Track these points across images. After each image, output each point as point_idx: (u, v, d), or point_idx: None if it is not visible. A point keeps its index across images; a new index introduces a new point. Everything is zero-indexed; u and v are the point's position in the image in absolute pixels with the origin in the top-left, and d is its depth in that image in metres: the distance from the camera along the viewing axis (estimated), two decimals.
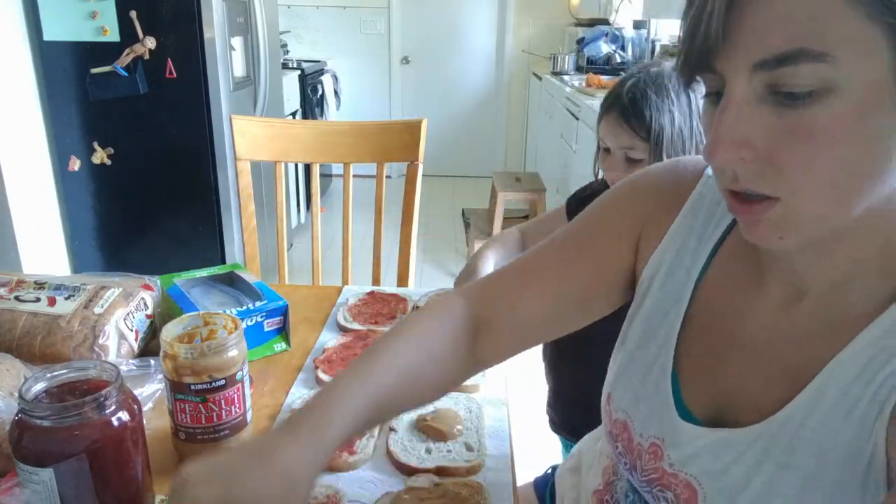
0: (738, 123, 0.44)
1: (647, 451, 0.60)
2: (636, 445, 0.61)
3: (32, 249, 2.50)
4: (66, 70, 2.46)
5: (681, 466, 0.56)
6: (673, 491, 0.57)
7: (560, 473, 0.96)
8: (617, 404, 0.65)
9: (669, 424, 0.58)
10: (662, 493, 0.59)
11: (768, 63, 0.42)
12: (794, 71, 0.41)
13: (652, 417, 0.60)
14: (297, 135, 1.49)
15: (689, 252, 0.62)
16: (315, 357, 0.97)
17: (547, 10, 5.19)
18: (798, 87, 0.41)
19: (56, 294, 0.91)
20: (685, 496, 0.56)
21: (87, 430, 0.57)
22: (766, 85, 0.43)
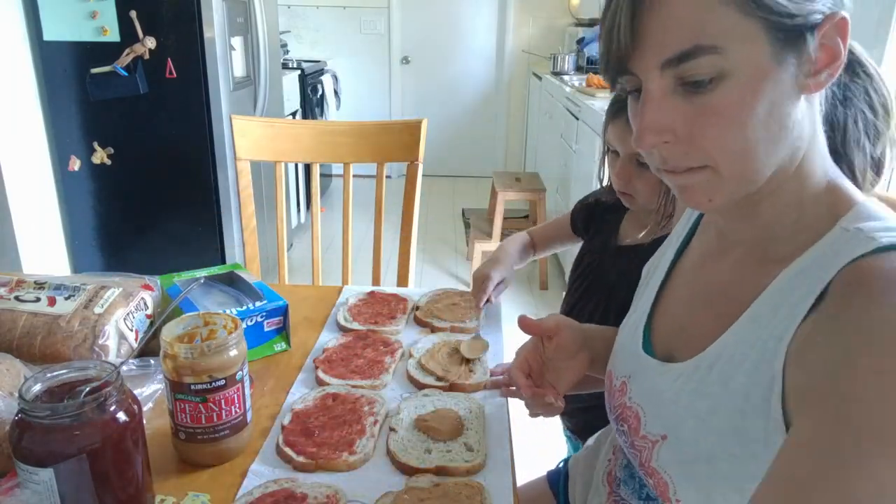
0: (657, 113, 0.53)
1: (618, 390, 0.71)
2: (613, 388, 0.73)
3: (32, 249, 2.50)
4: (66, 70, 2.46)
5: (636, 398, 0.68)
6: (627, 422, 0.68)
7: (573, 463, 0.98)
8: (612, 357, 0.76)
9: (636, 361, 0.70)
10: (621, 425, 0.70)
11: (672, 60, 0.51)
12: (694, 64, 0.50)
13: (626, 359, 0.72)
14: (297, 135, 1.49)
15: (675, 235, 0.76)
16: (315, 357, 0.97)
17: (547, 10, 5.19)
18: (699, 76, 0.51)
19: (56, 294, 0.91)
20: (633, 425, 0.67)
21: (87, 430, 0.57)
22: (674, 78, 0.52)
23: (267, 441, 0.78)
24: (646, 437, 0.65)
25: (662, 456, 0.62)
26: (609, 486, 0.79)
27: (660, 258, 0.78)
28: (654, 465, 0.63)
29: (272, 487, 0.69)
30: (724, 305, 0.61)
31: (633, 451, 0.68)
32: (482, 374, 0.93)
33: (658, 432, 0.63)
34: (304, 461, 0.73)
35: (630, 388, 0.69)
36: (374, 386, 0.90)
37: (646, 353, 0.69)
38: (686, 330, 0.66)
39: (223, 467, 0.74)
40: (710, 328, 0.61)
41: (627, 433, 0.68)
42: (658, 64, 0.52)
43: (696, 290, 0.68)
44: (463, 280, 3.44)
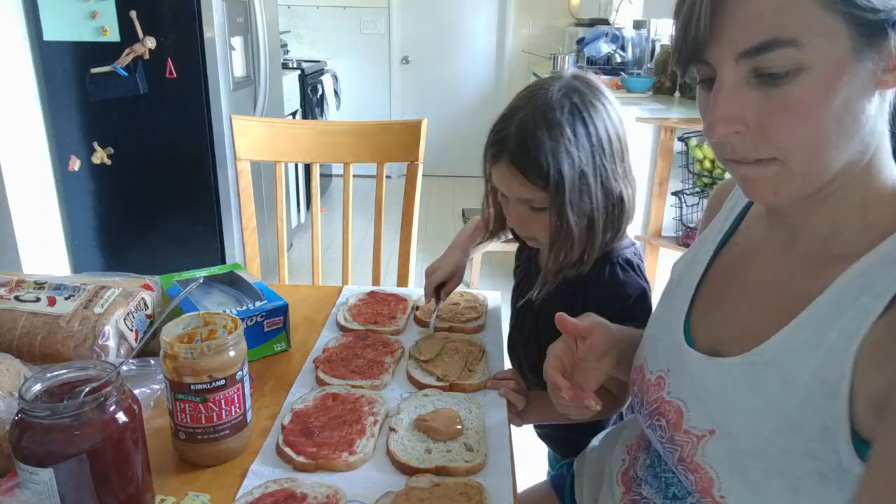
0: (730, 103, 0.54)
1: (653, 385, 0.70)
2: (646, 382, 0.72)
3: (32, 249, 2.50)
4: (66, 70, 2.46)
5: (676, 393, 0.67)
6: (665, 417, 0.67)
7: (579, 463, 0.97)
8: (640, 352, 0.76)
9: (676, 355, 0.68)
10: (658, 421, 0.69)
11: (749, 52, 0.51)
12: (771, 56, 0.51)
13: (662, 352, 0.71)
14: (297, 135, 1.49)
15: (714, 231, 0.75)
16: (315, 357, 0.97)
17: (547, 10, 5.19)
18: (776, 68, 0.51)
19: (56, 294, 0.91)
20: (674, 420, 0.66)
21: (87, 430, 0.57)
22: (750, 69, 0.52)
23: (267, 441, 0.78)
24: (689, 432, 0.64)
25: (709, 451, 0.61)
26: (625, 486, 0.78)
27: (693, 254, 0.76)
28: (697, 461, 0.62)
29: (272, 487, 0.69)
30: (782, 301, 0.59)
31: (671, 446, 0.67)
32: (482, 374, 0.93)
33: (704, 427, 0.62)
34: (304, 461, 0.73)
35: (669, 382, 0.68)
36: (374, 386, 0.90)
37: (688, 346, 0.67)
38: (734, 324, 0.65)
39: (223, 467, 0.74)
40: (764, 323, 0.60)
41: (666, 428, 0.67)
42: (735, 55, 0.52)
43: (747, 284, 0.67)
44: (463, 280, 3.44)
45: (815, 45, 0.50)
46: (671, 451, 0.67)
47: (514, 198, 0.94)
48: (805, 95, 0.51)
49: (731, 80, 0.53)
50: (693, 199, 2.86)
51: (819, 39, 0.49)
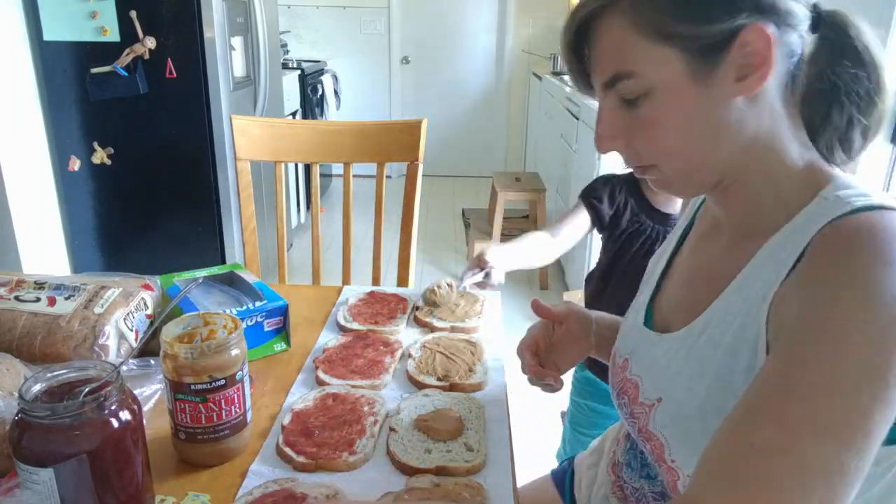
0: (606, 125, 0.64)
1: (620, 367, 0.77)
2: (616, 366, 0.78)
3: (32, 249, 2.50)
4: (66, 70, 2.45)
5: (636, 370, 0.74)
6: (627, 394, 0.74)
7: (579, 461, 1.01)
8: (617, 341, 0.82)
9: (638, 337, 0.76)
10: (622, 399, 0.75)
11: (607, 83, 0.62)
12: (622, 86, 0.60)
13: (629, 337, 0.78)
14: (297, 135, 1.49)
15: (677, 228, 0.83)
16: (315, 357, 0.97)
17: (547, 10, 5.19)
18: (629, 95, 0.60)
19: (56, 294, 0.91)
20: (633, 395, 0.73)
21: (87, 430, 0.57)
22: (616, 95, 0.62)
23: (267, 441, 0.78)
24: (643, 404, 0.70)
25: (658, 418, 0.68)
26: (613, 475, 0.83)
27: (666, 246, 0.83)
28: (650, 429, 0.69)
29: (272, 487, 0.69)
30: (716, 279, 0.66)
31: (632, 419, 0.73)
32: (482, 374, 0.93)
33: (654, 396, 0.69)
34: (304, 461, 0.73)
35: (631, 363, 0.75)
36: (374, 386, 0.90)
37: (645, 327, 0.75)
38: (680, 303, 0.73)
39: (223, 467, 0.74)
40: (701, 300, 0.66)
41: (627, 404, 0.74)
42: (600, 85, 0.63)
43: (692, 269, 0.75)
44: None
45: (652, 73, 0.58)
46: (632, 425, 0.73)
47: None
48: (654, 114, 0.60)
49: (605, 104, 0.63)
50: None
51: (654, 68, 0.58)
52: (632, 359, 0.75)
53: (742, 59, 0.56)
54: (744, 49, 0.56)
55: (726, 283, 0.63)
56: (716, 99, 0.58)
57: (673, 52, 0.57)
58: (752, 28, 0.55)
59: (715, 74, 0.57)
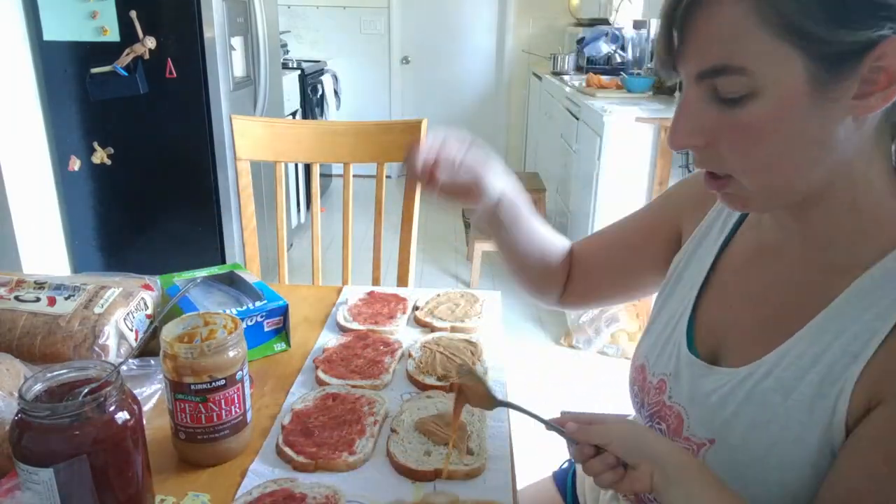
0: (689, 118, 0.56)
1: (654, 388, 0.71)
2: (647, 384, 0.73)
3: (32, 249, 2.50)
4: (66, 70, 2.46)
5: (677, 398, 0.68)
6: (666, 421, 0.68)
7: None
8: (641, 351, 0.77)
9: (678, 360, 0.69)
10: (658, 424, 0.70)
11: (705, 74, 0.53)
12: (725, 80, 0.52)
13: (664, 355, 0.72)
14: (297, 135, 1.49)
15: (714, 232, 0.74)
16: (315, 357, 0.97)
17: (547, 10, 5.19)
18: (729, 93, 0.53)
19: (56, 294, 0.91)
20: (674, 425, 0.67)
21: (87, 430, 0.57)
22: (710, 89, 0.54)
23: (267, 441, 0.78)
24: (689, 440, 0.65)
25: (709, 460, 0.62)
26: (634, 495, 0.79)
27: (693, 251, 0.76)
28: None
29: (271, 487, 0.69)
30: (783, 310, 0.60)
31: None
32: (482, 374, 0.93)
33: (704, 436, 0.63)
34: (304, 461, 0.73)
35: (670, 386, 0.69)
36: (374, 386, 0.90)
37: (689, 353, 0.69)
38: (736, 329, 0.66)
39: (223, 467, 0.74)
40: (764, 333, 0.61)
41: (666, 432, 0.68)
42: (694, 74, 0.55)
43: (747, 288, 0.67)
44: (463, 280, 3.44)
45: (767, 73, 0.51)
46: None
47: None
48: (756, 120, 0.53)
49: (693, 96, 0.56)
50: None
51: (771, 68, 0.51)
52: (672, 383, 0.69)
53: (870, 73, 0.50)
54: (876, 63, 0.49)
55: (798, 321, 0.58)
56: (828, 115, 0.52)
57: (797, 53, 0.50)
58: (893, 41, 0.48)
59: (837, 87, 0.50)
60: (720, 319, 0.69)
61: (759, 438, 0.58)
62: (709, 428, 0.63)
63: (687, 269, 0.76)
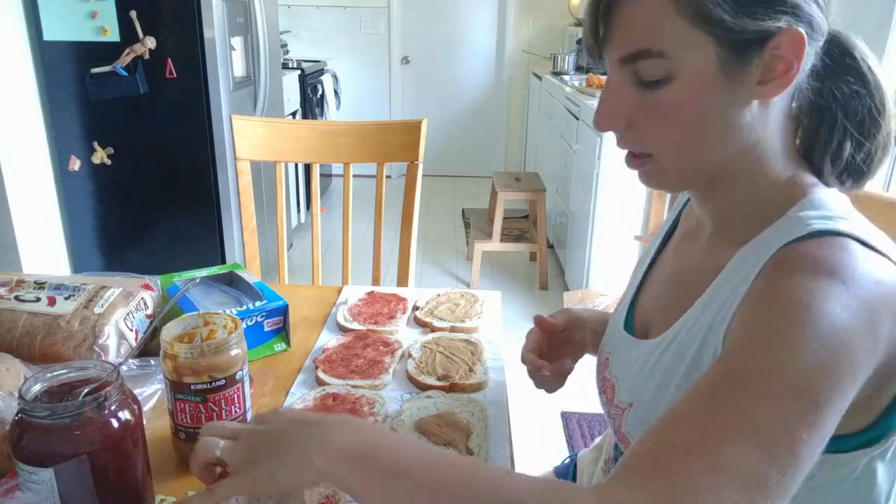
0: (612, 101, 0.61)
1: (602, 365, 0.79)
2: (599, 364, 0.80)
3: (32, 249, 2.50)
4: (66, 70, 2.46)
5: (614, 371, 0.75)
6: (605, 394, 0.76)
7: (582, 455, 1.02)
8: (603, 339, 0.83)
9: (618, 339, 0.77)
10: (602, 397, 0.77)
11: (627, 59, 0.58)
12: (645, 64, 0.57)
13: (610, 336, 0.79)
14: (297, 135, 1.49)
15: (662, 227, 0.82)
16: (315, 357, 0.97)
17: (547, 10, 5.19)
18: (649, 76, 0.57)
19: (56, 294, 0.91)
20: (609, 395, 0.74)
21: (87, 430, 0.57)
22: (631, 73, 0.58)
23: None
24: (617, 406, 0.72)
25: (629, 422, 0.69)
26: (607, 471, 0.85)
27: (652, 242, 0.84)
28: (623, 431, 0.70)
29: None
30: (690, 286, 0.66)
31: (609, 419, 0.75)
32: (482, 374, 0.93)
33: (626, 401, 0.71)
34: None
35: (611, 363, 0.77)
36: (374, 386, 0.90)
37: (625, 331, 0.76)
38: (657, 308, 0.74)
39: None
40: (676, 307, 0.67)
41: (606, 403, 0.76)
42: (617, 59, 0.59)
43: (672, 271, 0.75)
44: (463, 280, 3.44)
45: (683, 58, 0.56)
46: (610, 424, 0.75)
47: None
48: (672, 100, 0.57)
49: (615, 80, 0.60)
50: None
51: (686, 52, 0.55)
52: (611, 359, 0.77)
53: (770, 61, 0.55)
54: (774, 52, 0.55)
55: (697, 294, 0.64)
56: (735, 98, 0.57)
57: (709, 39, 0.55)
58: (788, 32, 0.54)
59: (742, 72, 0.56)
60: (649, 299, 0.77)
61: (662, 400, 0.64)
62: (630, 393, 0.70)
63: (643, 259, 0.83)
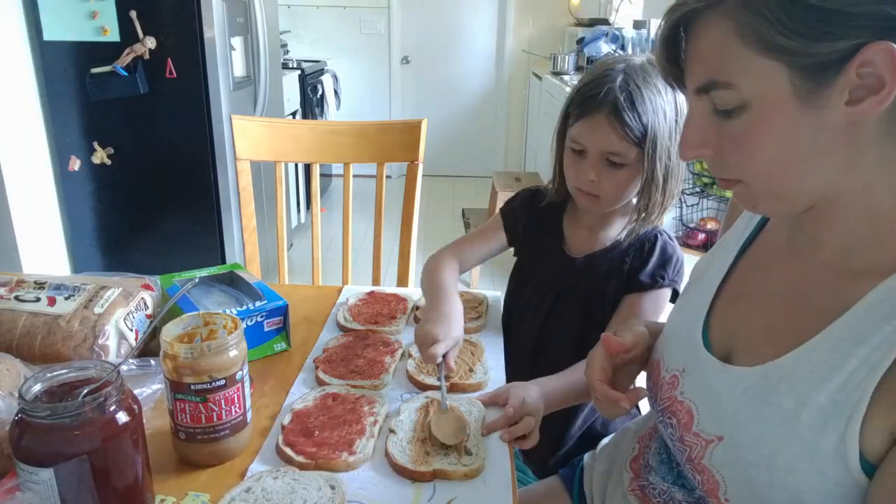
0: (695, 131, 0.61)
1: (667, 383, 0.72)
2: (661, 379, 0.74)
3: (32, 249, 2.50)
4: (66, 70, 2.45)
5: (689, 394, 0.69)
6: (676, 416, 0.69)
7: (588, 459, 0.99)
8: (657, 347, 0.78)
9: (692, 356, 0.70)
10: (669, 419, 0.71)
11: (700, 89, 0.58)
12: (717, 95, 0.57)
13: (679, 351, 0.73)
14: (297, 135, 1.49)
15: (737, 233, 0.76)
16: (315, 357, 0.97)
17: (547, 10, 5.19)
18: (723, 105, 0.57)
19: (56, 294, 0.91)
20: (684, 421, 0.68)
21: (87, 430, 0.57)
22: (709, 103, 0.58)
23: (267, 441, 0.78)
24: (698, 435, 0.66)
25: (716, 456, 0.63)
26: (633, 473, 0.81)
27: (717, 252, 0.78)
28: (705, 463, 0.64)
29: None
30: (800, 314, 0.61)
31: (680, 445, 0.69)
32: (482, 374, 0.93)
33: (713, 432, 0.64)
34: (304, 461, 0.73)
35: (683, 382, 0.70)
36: (374, 386, 0.90)
37: (704, 349, 0.69)
38: (750, 329, 0.67)
39: (223, 467, 0.74)
40: (780, 334, 0.61)
41: (676, 427, 0.69)
42: (693, 89, 0.59)
43: (766, 289, 0.68)
44: (463, 280, 3.44)
45: (752, 86, 0.54)
46: (680, 451, 0.69)
47: (599, 151, 0.98)
48: (748, 129, 0.56)
49: (696, 109, 0.60)
50: (693, 199, 2.86)
51: (755, 82, 0.54)
52: (684, 379, 0.70)
53: (859, 79, 0.51)
54: (863, 69, 0.51)
55: (815, 326, 0.57)
56: (820, 122, 0.53)
57: (779, 66, 0.52)
58: (874, 47, 0.50)
59: (823, 95, 0.52)
60: (735, 318, 0.69)
61: (768, 439, 0.58)
62: (718, 424, 0.64)
63: (709, 269, 0.77)
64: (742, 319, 0.68)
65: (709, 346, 0.69)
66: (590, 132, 0.98)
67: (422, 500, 0.70)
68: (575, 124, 1.00)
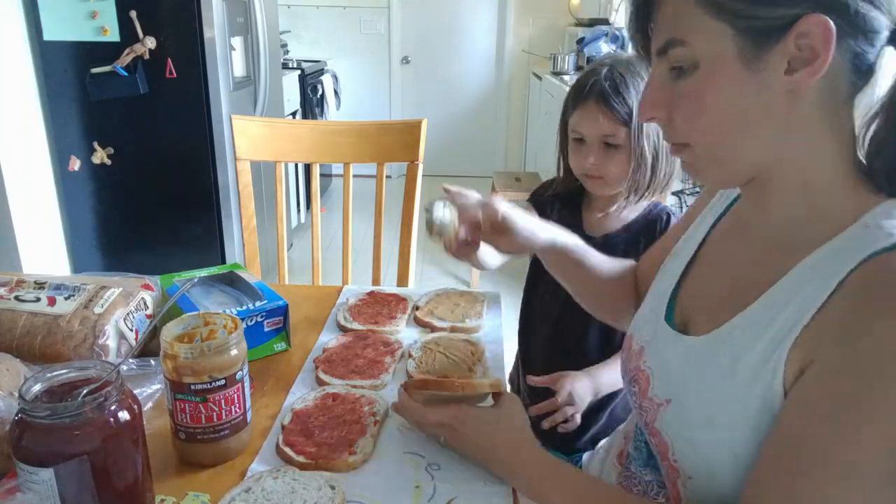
0: (652, 93, 0.63)
1: (635, 354, 0.77)
2: (631, 351, 0.78)
3: (32, 249, 2.50)
4: (66, 70, 2.46)
5: (649, 362, 0.74)
6: (638, 384, 0.74)
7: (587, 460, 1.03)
8: (633, 322, 0.82)
9: (655, 327, 0.75)
10: (633, 387, 0.76)
11: (660, 50, 0.61)
12: (672, 53, 0.59)
13: (647, 325, 0.77)
14: (297, 135, 1.49)
15: (711, 212, 0.80)
16: (315, 357, 0.97)
17: (547, 10, 5.19)
18: (678, 62, 0.59)
19: (56, 294, 0.91)
20: (643, 387, 0.73)
21: (87, 430, 0.57)
22: (666, 64, 0.61)
23: (267, 441, 0.78)
24: (652, 400, 0.71)
25: (665, 419, 0.68)
26: (620, 465, 0.84)
27: (693, 231, 0.81)
28: (656, 427, 0.69)
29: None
30: (743, 288, 0.64)
31: (640, 411, 0.74)
32: (482, 375, 0.93)
33: (663, 396, 0.69)
34: (304, 461, 0.73)
35: (646, 353, 0.75)
36: (374, 386, 0.90)
37: (665, 322, 0.74)
38: (702, 303, 0.71)
39: (223, 467, 0.74)
40: (725, 308, 0.65)
41: (637, 394, 0.74)
42: (654, 51, 0.62)
43: (719, 266, 0.73)
44: (463, 280, 3.44)
45: (703, 46, 0.57)
46: (640, 416, 0.74)
47: (595, 136, 1.10)
48: (697, 88, 0.59)
49: (656, 71, 0.63)
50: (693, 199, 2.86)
51: (706, 42, 0.57)
52: (647, 349, 0.75)
53: (796, 50, 0.54)
54: (800, 40, 0.53)
55: (753, 295, 0.61)
56: (762, 86, 0.56)
57: (726, 28, 0.55)
58: (812, 19, 0.52)
59: (764, 60, 0.55)
60: (694, 292, 0.74)
61: (709, 400, 0.62)
62: (667, 389, 0.69)
63: (686, 244, 0.80)
64: (701, 291, 0.73)
65: (672, 317, 0.74)
66: (584, 119, 1.11)
67: (422, 500, 0.70)
68: (572, 115, 1.14)
